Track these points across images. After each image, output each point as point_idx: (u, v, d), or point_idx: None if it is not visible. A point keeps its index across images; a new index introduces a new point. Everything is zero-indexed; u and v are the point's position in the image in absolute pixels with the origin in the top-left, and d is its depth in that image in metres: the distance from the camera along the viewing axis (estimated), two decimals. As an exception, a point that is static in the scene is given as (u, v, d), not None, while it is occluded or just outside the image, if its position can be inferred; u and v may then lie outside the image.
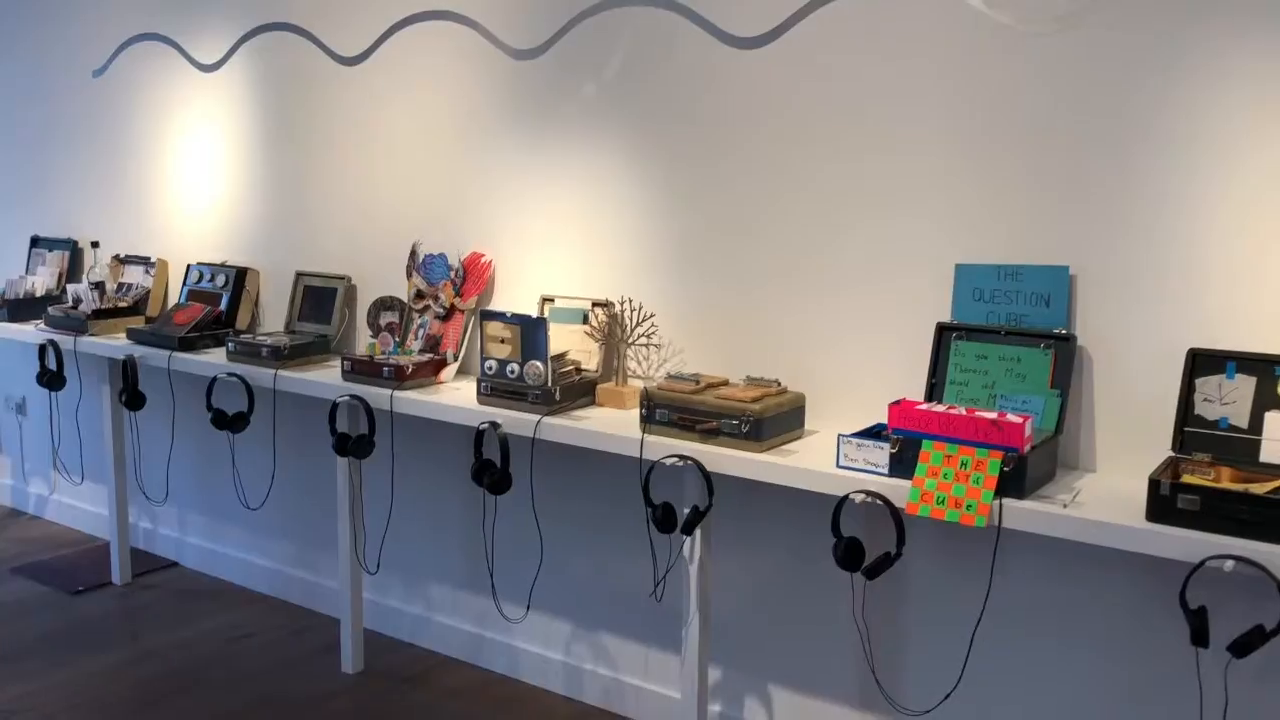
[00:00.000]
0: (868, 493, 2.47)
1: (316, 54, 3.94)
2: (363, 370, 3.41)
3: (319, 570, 4.21)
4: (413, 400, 3.27)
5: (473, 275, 3.53)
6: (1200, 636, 2.10)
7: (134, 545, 4.69)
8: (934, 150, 2.73)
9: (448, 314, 3.55)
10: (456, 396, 3.27)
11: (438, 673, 3.73)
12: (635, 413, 2.97)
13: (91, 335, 4.22)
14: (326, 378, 3.53)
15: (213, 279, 4.23)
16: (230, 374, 3.69)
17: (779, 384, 2.89)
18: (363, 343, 3.85)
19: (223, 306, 4.15)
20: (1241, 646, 2.08)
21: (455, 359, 3.49)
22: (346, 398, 3.38)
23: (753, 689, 3.20)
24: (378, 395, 3.32)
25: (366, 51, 3.80)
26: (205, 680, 3.65)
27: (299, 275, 4.02)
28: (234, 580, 4.49)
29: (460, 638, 3.82)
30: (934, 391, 2.72)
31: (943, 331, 2.72)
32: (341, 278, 3.92)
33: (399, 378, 3.33)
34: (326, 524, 4.05)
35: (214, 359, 3.85)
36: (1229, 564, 2.05)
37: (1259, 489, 2.18)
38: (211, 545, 4.59)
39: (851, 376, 2.91)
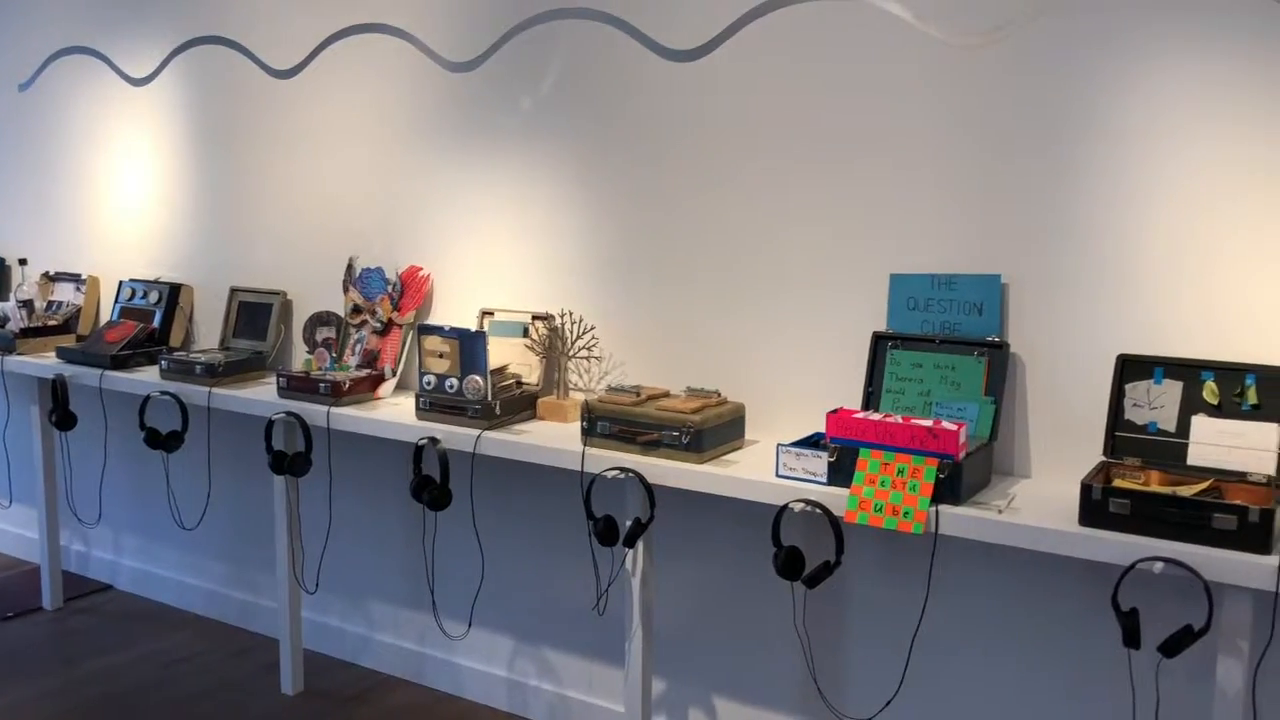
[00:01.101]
0: (807, 501, 2.48)
1: (249, 67, 3.90)
2: (299, 387, 3.37)
3: (257, 590, 4.14)
4: (350, 416, 3.23)
5: (410, 289, 3.50)
6: (1132, 638, 2.14)
7: (65, 568, 4.58)
8: (868, 161, 2.76)
9: (385, 329, 3.51)
10: (395, 412, 3.24)
11: (380, 692, 3.68)
12: (577, 426, 2.96)
13: (20, 354, 4.13)
14: (262, 395, 3.48)
15: (145, 296, 4.15)
16: (164, 392, 3.63)
17: (719, 395, 2.90)
18: (299, 359, 3.80)
19: (156, 324, 4.08)
20: (1172, 646, 2.11)
21: (393, 374, 3.46)
22: (283, 415, 3.33)
23: (696, 700, 3.20)
24: (314, 412, 3.28)
25: (300, 65, 3.77)
26: (142, 706, 3.57)
27: (234, 291, 3.96)
28: (170, 602, 4.40)
29: (402, 656, 3.77)
30: (871, 400, 2.74)
31: (879, 341, 2.74)
32: (277, 293, 3.86)
33: (336, 394, 3.29)
34: (264, 543, 3.99)
35: (147, 377, 3.78)
36: (1158, 566, 2.09)
37: (1186, 491, 2.23)
38: (146, 567, 4.50)
39: (791, 386, 2.92)
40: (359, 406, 3.31)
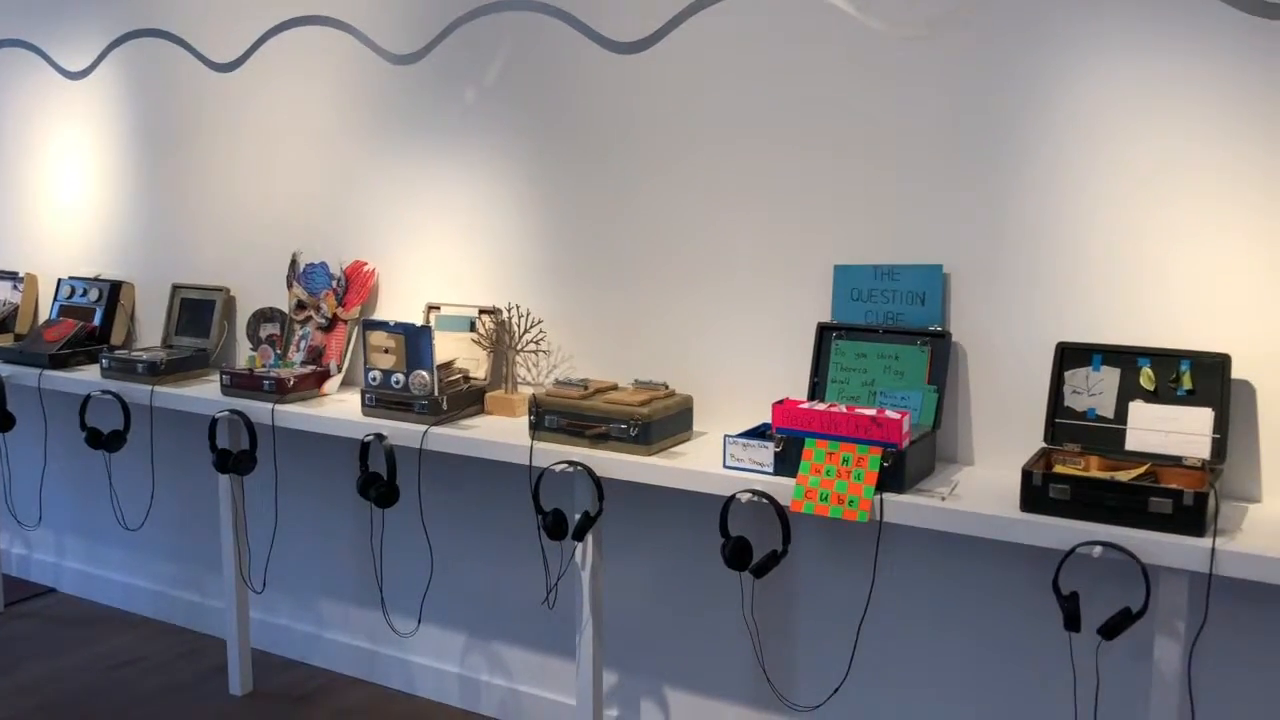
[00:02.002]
0: (754, 492, 2.49)
1: (189, 60, 3.84)
2: (243, 384, 3.33)
3: (204, 590, 4.09)
4: (295, 414, 3.20)
5: (355, 284, 3.47)
6: (1072, 621, 2.17)
7: (6, 572, 4.49)
8: (811, 153, 2.77)
9: (330, 324, 3.48)
10: (341, 409, 3.21)
11: (330, 691, 3.65)
12: (524, 420, 2.95)
13: (-45, 355, 4.04)
14: (205, 393, 3.44)
15: (85, 293, 4.08)
16: (105, 391, 3.57)
17: (667, 387, 2.91)
18: (243, 356, 3.76)
19: (96, 322, 4.02)
20: (1111, 629, 2.15)
21: (339, 370, 3.43)
22: (226, 413, 3.29)
23: (648, 692, 3.21)
24: (259, 409, 3.25)
25: (241, 58, 3.72)
26: (86, 711, 3.52)
27: (175, 288, 3.90)
28: (115, 604, 4.34)
29: (353, 654, 3.75)
30: (816, 390, 2.76)
31: (823, 331, 2.76)
32: (220, 289, 3.82)
33: (280, 391, 3.25)
34: (210, 543, 3.95)
35: (88, 376, 3.72)
36: (1097, 550, 2.12)
37: (1125, 476, 2.27)
38: (90, 569, 4.43)
39: (738, 377, 2.93)
40: (304, 403, 3.28)
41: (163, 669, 3.81)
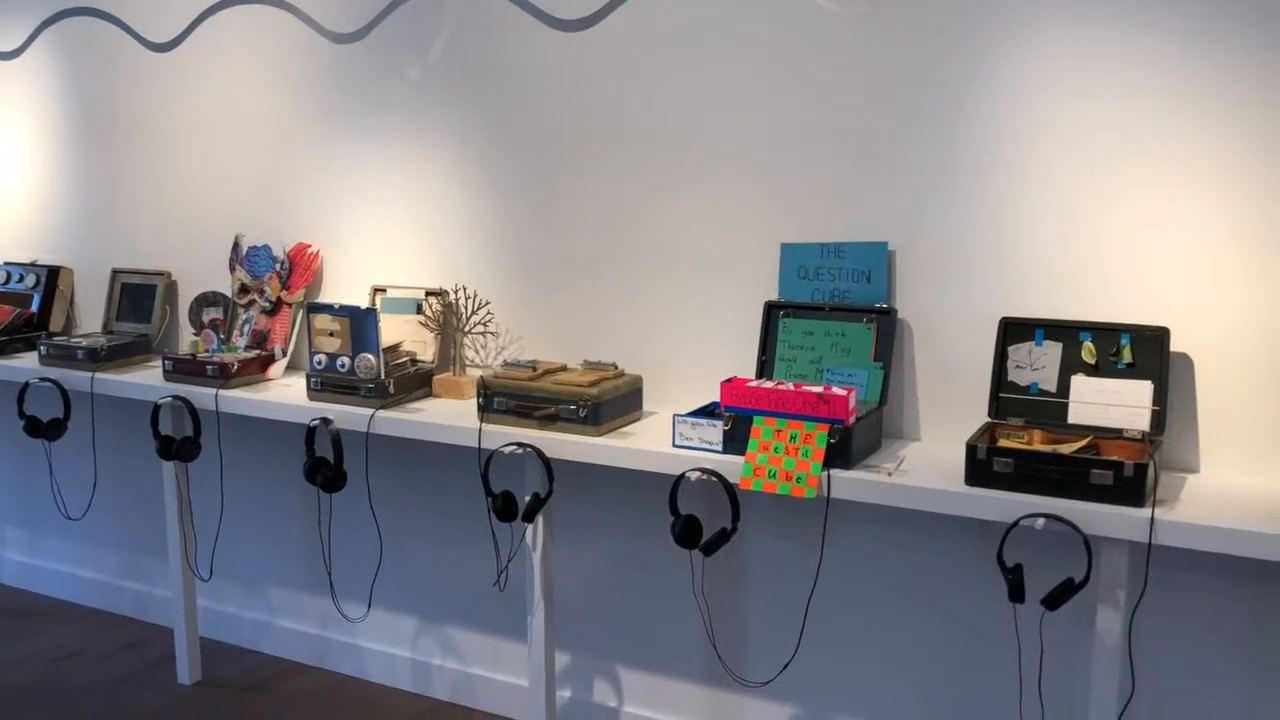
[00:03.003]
0: (703, 470, 2.50)
1: (125, 40, 3.75)
2: (186, 370, 3.28)
3: (150, 580, 4.03)
4: (239, 399, 3.16)
5: (299, 267, 3.43)
6: (1017, 592, 2.20)
7: (-54, 565, 4.41)
8: (758, 131, 2.77)
9: (274, 308, 3.43)
10: (286, 393, 3.17)
11: (281, 678, 3.62)
12: (473, 402, 2.93)
13: (-114, 343, 3.94)
14: (148, 379, 3.38)
15: (22, 279, 3.99)
16: (44, 379, 3.50)
17: (616, 367, 2.90)
18: (185, 341, 3.70)
19: (34, 308, 3.93)
20: (1054, 599, 2.18)
21: (284, 354, 3.39)
22: (169, 399, 3.24)
23: (600, 671, 3.21)
24: (202, 395, 3.20)
25: (179, 37, 3.64)
26: (31, 704, 3.46)
27: (116, 273, 3.83)
28: (58, 595, 4.26)
29: (303, 641, 3.72)
30: (765, 368, 2.77)
31: (771, 309, 2.77)
32: (161, 274, 3.75)
33: (224, 376, 3.21)
34: (155, 531, 3.90)
35: (26, 364, 3.64)
36: (1040, 522, 2.15)
37: (1067, 449, 2.30)
38: (32, 560, 4.35)
39: (687, 357, 2.93)
40: (248, 388, 3.23)
41: (108, 660, 3.75)
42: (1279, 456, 2.30)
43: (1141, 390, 2.35)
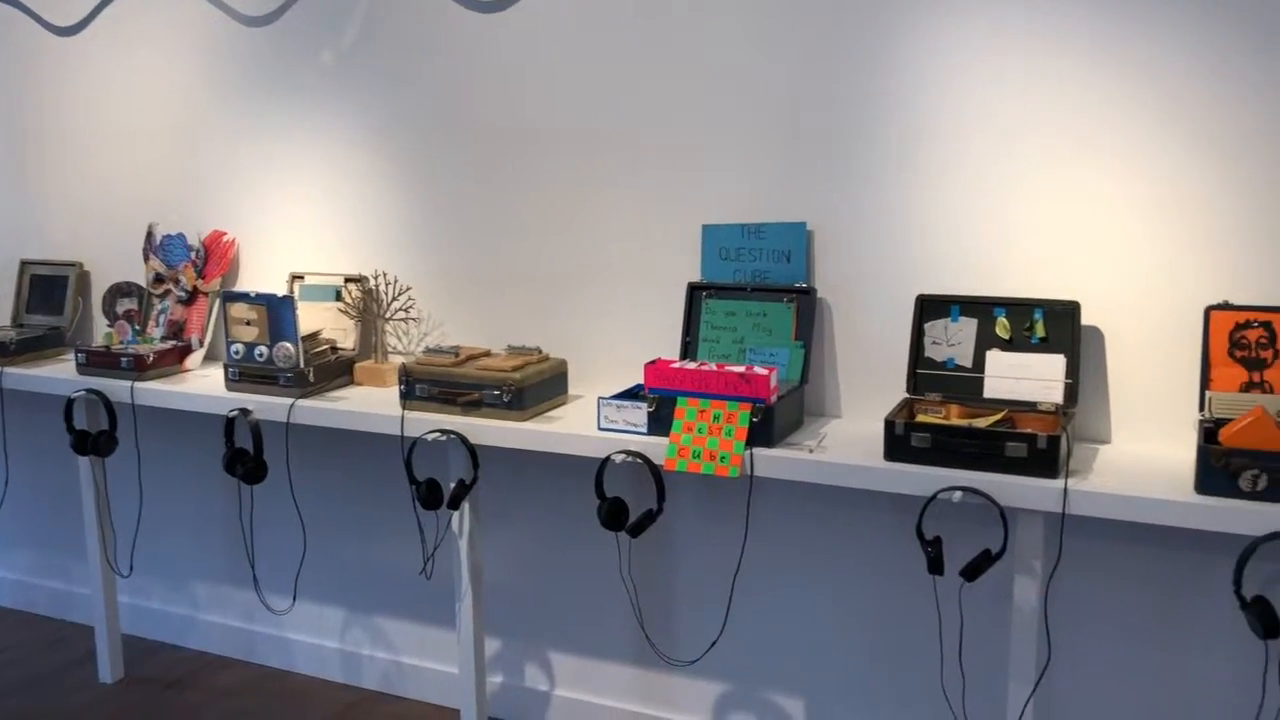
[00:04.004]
0: (628, 452, 2.50)
1: (27, 24, 3.64)
2: (99, 362, 3.20)
3: (69, 577, 3.94)
4: (156, 391, 3.09)
5: (215, 255, 3.36)
6: (936, 564, 2.24)
7: None
8: (678, 113, 2.77)
9: (190, 297, 3.36)
10: (204, 384, 3.11)
11: (207, 673, 3.57)
12: (395, 389, 2.90)
13: None
14: (60, 372, 3.30)
15: (-76, 272, 3.86)
16: (-51, 375, 3.40)
17: (540, 351, 2.89)
18: (99, 333, 3.61)
19: (-62, 302, 3.81)
20: (972, 570, 2.22)
21: (201, 345, 3.32)
22: (83, 393, 3.16)
23: (531, 656, 3.21)
24: (117, 388, 3.12)
25: (84, 20, 3.54)
26: (-58, 708, 3.38)
27: (24, 264, 3.72)
28: (-27, 597, 4.16)
29: (229, 635, 3.66)
30: (689, 349, 2.77)
31: (694, 291, 2.78)
32: (72, 264, 3.65)
33: (140, 368, 3.14)
34: (72, 528, 3.81)
35: (-71, 360, 3.53)
36: (957, 495, 2.19)
37: (982, 423, 2.34)
38: (-55, 562, 4.23)
39: (612, 339, 2.93)
40: (165, 380, 3.17)
41: (26, 660, 3.66)
42: (1187, 425, 2.37)
43: (1054, 364, 2.40)
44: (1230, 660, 2.40)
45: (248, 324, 2.96)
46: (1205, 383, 2.28)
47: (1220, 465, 2.05)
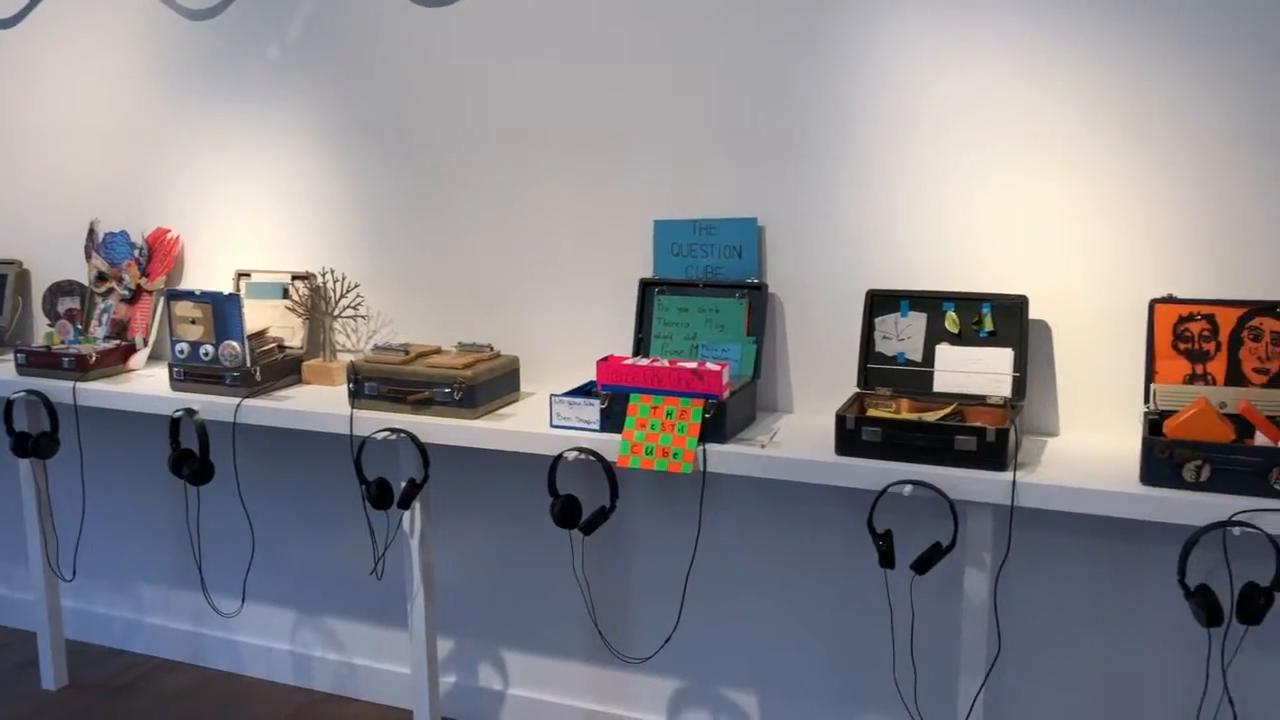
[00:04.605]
0: (581, 450, 2.49)
1: (-38, 16, 3.56)
2: (40, 363, 3.13)
3: (10, 583, 3.86)
4: (99, 391, 3.03)
5: (159, 253, 3.30)
6: (887, 558, 2.25)
7: None
8: (629, 110, 2.76)
9: (134, 296, 3.30)
10: (148, 384, 3.06)
11: (153, 677, 3.51)
12: (344, 388, 2.87)
13: None
14: (-1, 373, 3.23)
15: None
16: (-117, 376, 3.31)
17: (492, 349, 2.87)
18: (40, 332, 3.53)
19: None
20: (922, 564, 2.24)
21: (145, 344, 3.26)
22: (23, 394, 3.10)
23: (484, 656, 3.19)
24: (59, 389, 3.06)
25: (22, 12, 3.46)
26: (-122, 718, 3.29)
27: (-40, 263, 3.64)
28: (-90, 604, 4.06)
29: (176, 638, 3.60)
30: (641, 346, 2.77)
31: (646, 287, 2.77)
32: (11, 263, 3.57)
33: (82, 368, 3.07)
34: (13, 532, 3.73)
35: None
36: (908, 488, 2.20)
37: (932, 417, 2.35)
38: (-120, 568, 4.12)
39: (564, 336, 2.92)
40: (108, 380, 3.11)
41: (-34, 668, 3.59)
42: (1132, 417, 2.40)
43: (1002, 357, 2.42)
44: (1175, 648, 2.44)
45: (193, 322, 2.91)
46: (1150, 375, 2.31)
47: (1164, 457, 2.07)
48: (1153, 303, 2.31)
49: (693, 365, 2.46)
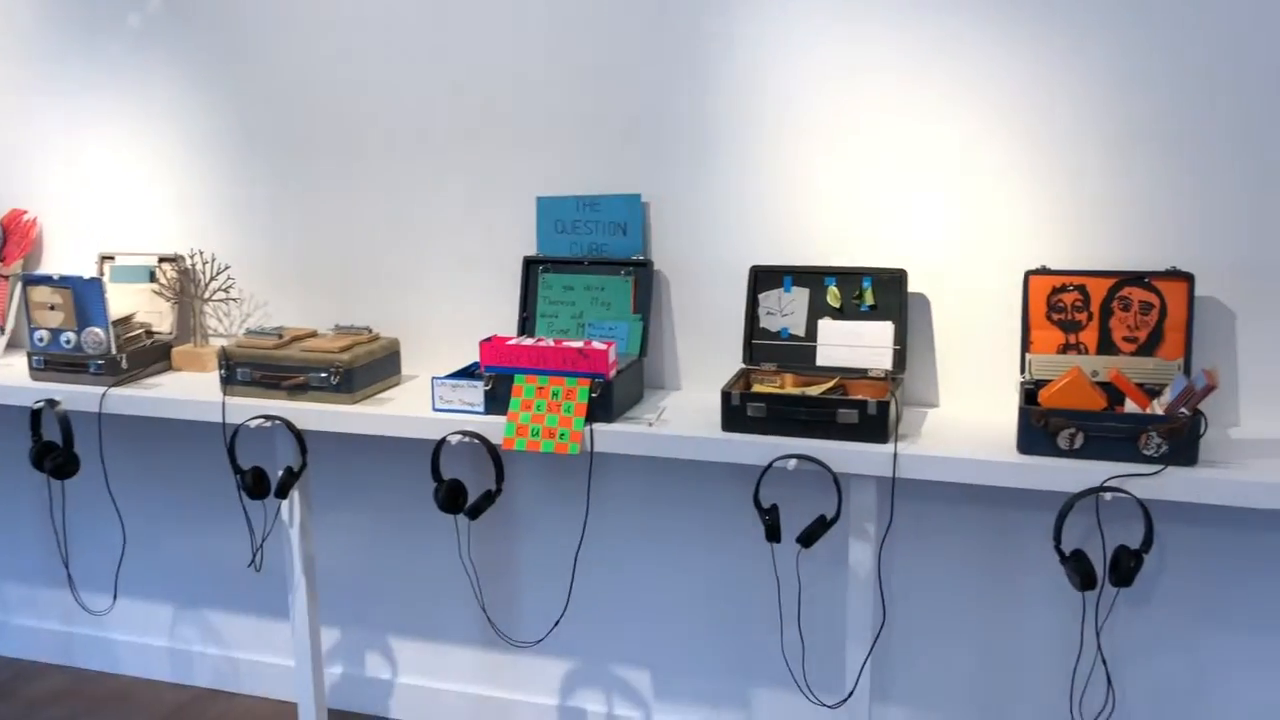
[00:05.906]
0: (465, 433, 2.44)
1: None
2: (-116, 353, 2.95)
3: None
4: (-49, 383, 2.87)
5: (14, 236, 3.13)
6: (773, 532, 2.26)
7: None
8: (509, 86, 2.70)
9: (-12, 282, 3.13)
10: (6, 374, 2.90)
11: (22, 680, 3.36)
12: (216, 374, 2.77)
13: None
14: None
15: None
16: None
17: (370, 331, 2.79)
18: (-115, 322, 3.33)
19: None
20: (808, 537, 2.25)
21: (2, 332, 3.10)
22: None
23: (371, 645, 3.12)
24: (-94, 380, 2.89)
25: None
26: None
27: None
28: None
29: (44, 639, 3.45)
30: (526, 325, 2.72)
31: (530, 265, 2.72)
32: None
33: (-69, 358, 2.91)
34: None
35: None
36: (791, 463, 2.21)
37: (815, 391, 2.37)
38: None
39: (447, 317, 2.86)
40: (-39, 371, 2.94)
41: None
42: (1009, 388, 2.45)
43: (883, 331, 2.44)
44: (1052, 611, 2.51)
45: (52, 309, 2.77)
46: (1025, 345, 2.36)
47: (1039, 425, 2.12)
48: (1027, 274, 2.36)
49: (578, 344, 2.42)
